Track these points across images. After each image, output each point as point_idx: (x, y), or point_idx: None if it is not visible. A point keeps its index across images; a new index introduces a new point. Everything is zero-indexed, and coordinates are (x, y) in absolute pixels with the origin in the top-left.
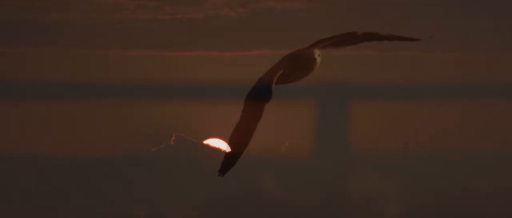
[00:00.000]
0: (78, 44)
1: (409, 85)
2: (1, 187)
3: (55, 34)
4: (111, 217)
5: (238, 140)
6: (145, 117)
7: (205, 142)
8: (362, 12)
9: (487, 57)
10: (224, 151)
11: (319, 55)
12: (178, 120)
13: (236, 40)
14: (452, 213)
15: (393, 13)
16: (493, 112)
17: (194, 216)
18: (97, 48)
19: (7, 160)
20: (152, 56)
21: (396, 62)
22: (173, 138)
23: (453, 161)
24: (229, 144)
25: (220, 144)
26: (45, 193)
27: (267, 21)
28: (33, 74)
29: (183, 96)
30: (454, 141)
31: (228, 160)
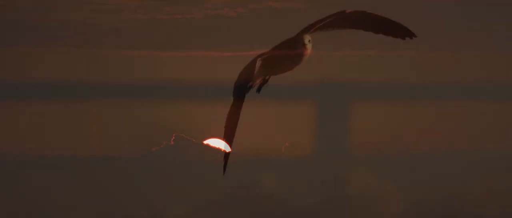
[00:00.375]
0: (78, 44)
1: (409, 85)
2: (1, 187)
3: (55, 34)
4: (111, 217)
5: (225, 137)
6: (145, 117)
7: (205, 142)
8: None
9: (487, 58)
10: (221, 150)
11: (309, 41)
12: (178, 120)
13: (236, 40)
14: (452, 213)
15: (394, 15)
16: (493, 111)
17: (193, 216)
18: (97, 48)
19: (7, 160)
20: (152, 56)
21: (396, 62)
22: (173, 138)
23: (453, 161)
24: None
25: (220, 144)
26: (45, 193)
27: (267, 21)
28: (33, 74)
29: (183, 96)
30: (454, 141)
31: (225, 158)
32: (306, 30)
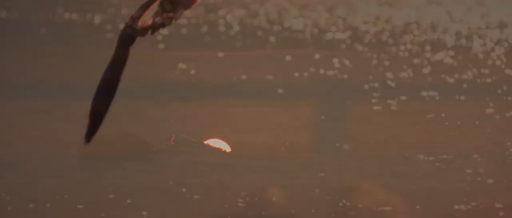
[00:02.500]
0: (78, 44)
1: (409, 85)
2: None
3: (54, 34)
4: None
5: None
6: (145, 117)
7: (205, 142)
8: (362, 11)
9: (487, 58)
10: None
11: None
12: (178, 120)
13: (238, 40)
14: (451, 214)
15: (394, 15)
16: (495, 112)
17: None
18: (96, 48)
19: (5, 160)
20: (152, 56)
21: (396, 62)
22: (173, 138)
23: (454, 162)
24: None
25: (220, 144)
26: (42, 194)
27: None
28: (32, 74)
29: (183, 96)
30: (455, 142)
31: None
32: None
